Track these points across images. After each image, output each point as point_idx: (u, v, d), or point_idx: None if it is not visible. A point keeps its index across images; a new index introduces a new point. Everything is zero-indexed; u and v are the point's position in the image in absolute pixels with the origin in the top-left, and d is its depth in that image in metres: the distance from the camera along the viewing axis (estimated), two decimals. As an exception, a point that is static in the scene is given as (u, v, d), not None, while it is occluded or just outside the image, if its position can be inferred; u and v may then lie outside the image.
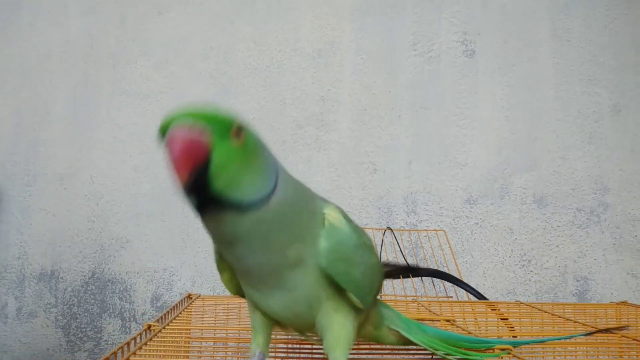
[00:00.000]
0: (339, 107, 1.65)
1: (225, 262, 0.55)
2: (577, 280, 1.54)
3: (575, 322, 0.81)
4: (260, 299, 0.51)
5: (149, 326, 0.69)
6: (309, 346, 0.72)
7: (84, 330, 1.63)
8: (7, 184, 1.69)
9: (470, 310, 0.89)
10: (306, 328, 0.54)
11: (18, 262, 1.67)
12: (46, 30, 1.74)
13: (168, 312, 0.80)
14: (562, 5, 1.64)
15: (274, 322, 0.55)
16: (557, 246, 1.56)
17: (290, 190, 0.48)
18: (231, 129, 0.44)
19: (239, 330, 0.78)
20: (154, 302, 1.63)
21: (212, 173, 0.42)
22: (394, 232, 1.18)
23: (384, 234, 1.15)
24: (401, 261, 1.33)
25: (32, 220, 1.68)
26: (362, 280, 0.51)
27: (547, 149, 1.59)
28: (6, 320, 1.65)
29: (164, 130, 0.43)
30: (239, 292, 0.57)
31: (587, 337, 0.70)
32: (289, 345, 0.73)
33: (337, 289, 0.50)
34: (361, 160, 1.63)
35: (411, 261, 1.41)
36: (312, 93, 1.66)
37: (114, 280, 1.64)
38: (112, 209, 1.66)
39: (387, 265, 0.65)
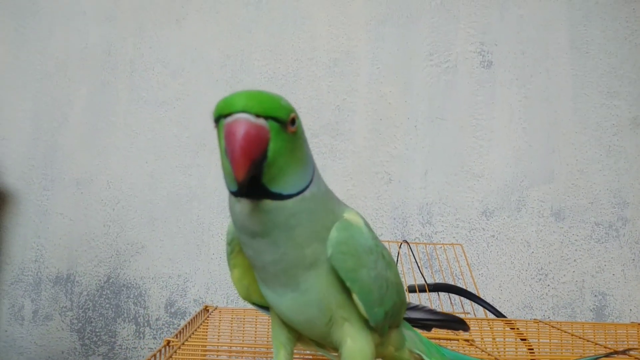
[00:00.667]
0: (354, 116, 1.65)
1: (237, 258, 0.54)
2: (595, 296, 1.52)
3: (595, 343, 0.80)
4: (273, 299, 0.50)
5: (169, 342, 0.69)
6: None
7: (98, 334, 1.64)
8: (25, 187, 1.71)
9: (488, 328, 0.88)
10: (321, 338, 0.52)
11: (35, 265, 1.68)
12: (65, 37, 1.76)
13: (186, 325, 0.81)
14: (581, 16, 1.62)
15: (296, 337, 0.55)
16: (575, 260, 1.54)
17: (321, 186, 0.48)
18: (288, 119, 0.42)
19: (255, 346, 0.78)
20: (168, 307, 1.63)
21: (267, 165, 0.41)
22: (410, 244, 1.18)
23: (399, 247, 1.14)
24: (417, 273, 1.32)
25: (49, 224, 1.69)
26: (370, 285, 0.48)
27: (565, 161, 1.58)
28: (22, 323, 1.67)
29: (220, 114, 0.42)
30: (247, 296, 0.56)
31: (607, 359, 0.69)
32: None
33: (348, 296, 0.49)
34: (376, 170, 1.63)
35: (426, 273, 1.40)
36: (327, 102, 1.66)
37: (129, 285, 1.65)
38: (127, 214, 1.68)
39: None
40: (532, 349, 0.81)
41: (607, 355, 0.62)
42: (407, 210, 1.60)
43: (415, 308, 0.63)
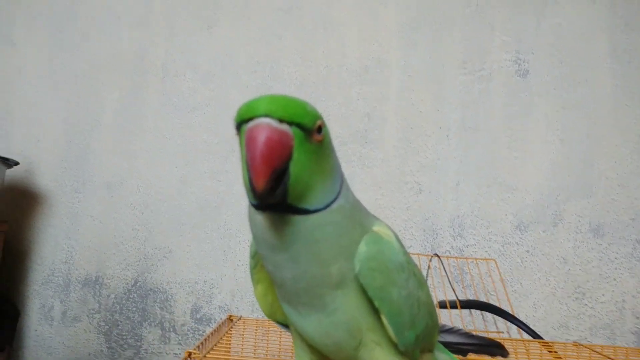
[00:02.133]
0: (384, 124, 1.62)
1: (261, 272, 0.51)
2: (637, 318, 1.45)
3: (640, 372, 0.75)
4: (297, 320, 0.47)
5: (190, 354, 0.68)
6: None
7: (124, 337, 1.65)
8: (58, 189, 1.74)
9: (524, 350, 0.84)
10: None
11: (65, 266, 1.70)
12: (98, 41, 1.79)
13: (209, 335, 0.79)
14: (622, 24, 1.56)
15: (320, 358, 0.51)
16: (615, 279, 1.47)
17: (350, 198, 0.44)
18: (314, 126, 0.39)
19: (279, 359, 0.76)
20: (194, 313, 1.63)
21: (290, 177, 0.38)
22: (441, 258, 1.14)
23: (430, 260, 1.11)
24: (447, 287, 1.28)
25: (79, 226, 1.71)
26: (401, 306, 0.45)
27: (604, 175, 1.51)
28: (52, 323, 1.69)
29: (242, 119, 0.39)
30: (272, 314, 0.53)
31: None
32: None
33: (378, 318, 0.45)
34: (406, 180, 1.59)
35: (456, 287, 1.36)
36: (357, 110, 1.64)
37: (156, 290, 1.65)
38: (156, 219, 1.68)
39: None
40: (571, 375, 0.77)
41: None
42: (438, 222, 1.56)
43: (450, 331, 0.59)
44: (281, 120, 0.38)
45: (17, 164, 1.56)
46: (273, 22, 1.71)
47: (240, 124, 0.40)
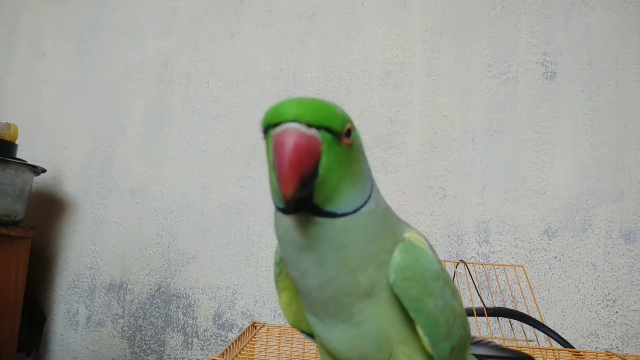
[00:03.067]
0: (407, 129, 1.61)
1: (286, 280, 0.49)
2: (671, 327, 1.40)
3: (679, 383, 0.72)
4: (322, 331, 0.45)
5: (214, 360, 0.67)
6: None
7: (148, 342, 1.66)
8: (84, 196, 1.76)
9: (554, 359, 0.81)
10: None
11: (90, 272, 1.72)
12: (124, 50, 1.82)
13: (232, 343, 0.79)
14: (654, 23, 1.51)
15: None
16: (648, 287, 1.42)
17: (380, 203, 0.43)
18: (344, 130, 0.38)
19: (305, 368, 0.75)
20: (216, 319, 1.63)
21: (319, 182, 0.37)
22: (467, 264, 1.12)
23: (456, 267, 1.08)
24: (474, 294, 1.26)
25: (104, 232, 1.73)
26: (437, 316, 0.43)
27: (636, 179, 1.46)
28: (77, 328, 1.71)
29: (269, 124, 0.38)
30: (296, 323, 0.51)
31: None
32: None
33: (412, 330, 0.43)
34: (430, 185, 1.57)
35: (483, 294, 1.33)
36: (380, 114, 1.62)
37: (179, 295, 1.66)
38: (180, 225, 1.69)
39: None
40: (606, 386, 0.74)
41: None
42: (463, 228, 1.53)
43: (479, 343, 0.57)
44: (309, 125, 0.37)
45: (44, 171, 1.59)
46: (295, 29, 1.72)
47: (267, 128, 0.39)
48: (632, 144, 1.48)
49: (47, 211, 1.77)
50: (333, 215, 0.39)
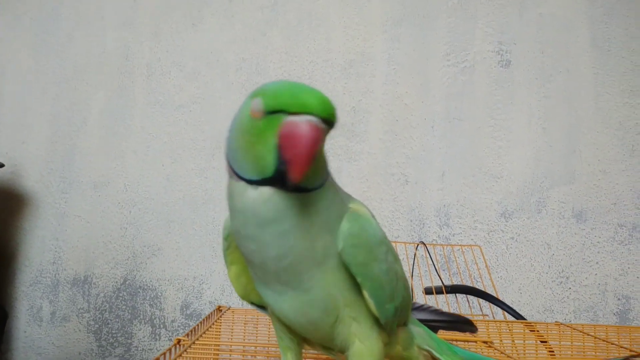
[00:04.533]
0: (369, 117, 1.64)
1: (235, 254, 0.52)
2: (619, 299, 1.48)
3: (620, 346, 0.77)
4: (273, 300, 0.47)
5: (179, 340, 0.69)
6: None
7: (114, 335, 1.65)
8: (44, 190, 1.73)
9: (508, 330, 0.85)
10: (326, 341, 0.50)
11: (53, 267, 1.70)
12: (84, 41, 1.79)
13: (198, 325, 0.80)
14: (601, 13, 1.58)
15: (301, 339, 0.52)
16: (597, 263, 1.50)
17: (331, 176, 0.47)
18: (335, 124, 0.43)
19: (268, 346, 0.77)
20: (184, 309, 1.63)
21: (313, 168, 0.41)
22: (427, 246, 1.16)
23: (416, 248, 1.12)
24: (434, 275, 1.30)
25: (67, 226, 1.71)
26: (382, 280, 0.46)
27: (586, 162, 1.54)
28: (41, 324, 1.68)
29: (284, 109, 0.41)
30: (246, 295, 0.54)
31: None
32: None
33: (356, 293, 0.46)
34: (392, 172, 1.61)
35: (444, 275, 1.38)
36: (343, 104, 1.65)
37: (145, 287, 1.66)
38: (144, 217, 1.68)
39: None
40: (553, 352, 0.79)
41: (627, 358, 0.60)
42: (424, 212, 1.58)
43: (420, 308, 0.60)
44: (324, 120, 0.41)
45: (2, 165, 1.56)
46: (258, 19, 1.72)
47: (278, 111, 0.41)
48: (582, 129, 1.56)
49: (6, 207, 1.74)
50: (307, 190, 0.43)
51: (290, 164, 0.39)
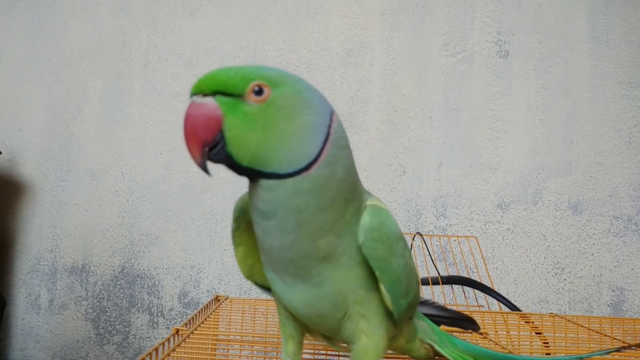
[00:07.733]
0: (367, 107, 1.64)
1: (243, 236, 0.52)
2: (613, 291, 1.49)
3: (613, 338, 0.78)
4: (282, 289, 0.47)
5: (177, 330, 0.69)
6: (336, 354, 0.71)
7: (112, 323, 1.66)
8: (42, 178, 1.73)
9: (503, 321, 0.86)
10: (331, 333, 0.50)
11: (51, 255, 1.70)
12: (80, 28, 1.77)
13: (196, 314, 0.81)
14: (600, 5, 1.58)
15: (304, 328, 0.52)
16: (592, 254, 1.51)
17: (339, 168, 0.42)
18: (246, 90, 0.39)
19: (266, 336, 0.78)
20: (182, 298, 1.64)
21: (230, 144, 0.39)
22: (424, 237, 1.16)
23: (413, 239, 1.13)
24: (430, 265, 1.31)
25: (64, 214, 1.71)
26: (400, 275, 0.46)
27: (583, 153, 1.54)
28: (39, 312, 1.69)
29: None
30: (251, 275, 0.54)
31: (626, 352, 0.67)
32: (316, 354, 0.72)
33: (367, 291, 0.46)
34: (390, 162, 1.61)
35: (440, 266, 1.39)
36: (341, 93, 1.65)
37: (143, 276, 1.66)
38: (142, 205, 1.68)
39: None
40: (547, 343, 0.80)
41: (618, 350, 0.60)
42: (421, 202, 1.58)
43: (425, 303, 0.61)
44: (205, 94, 0.40)
45: (-1, 152, 1.55)
46: (256, 7, 1.71)
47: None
48: (580, 120, 1.56)
49: (3, 194, 1.73)
50: (277, 176, 0.40)
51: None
